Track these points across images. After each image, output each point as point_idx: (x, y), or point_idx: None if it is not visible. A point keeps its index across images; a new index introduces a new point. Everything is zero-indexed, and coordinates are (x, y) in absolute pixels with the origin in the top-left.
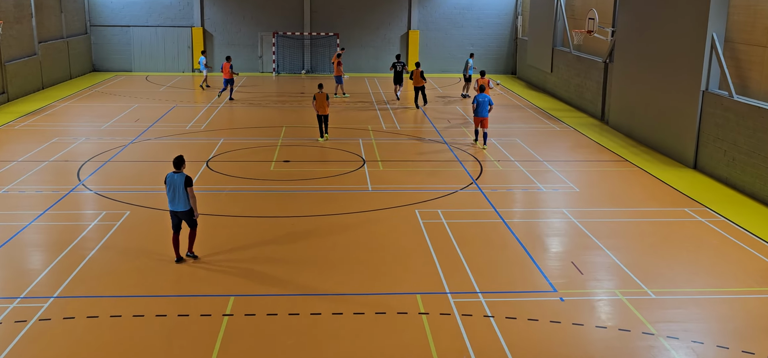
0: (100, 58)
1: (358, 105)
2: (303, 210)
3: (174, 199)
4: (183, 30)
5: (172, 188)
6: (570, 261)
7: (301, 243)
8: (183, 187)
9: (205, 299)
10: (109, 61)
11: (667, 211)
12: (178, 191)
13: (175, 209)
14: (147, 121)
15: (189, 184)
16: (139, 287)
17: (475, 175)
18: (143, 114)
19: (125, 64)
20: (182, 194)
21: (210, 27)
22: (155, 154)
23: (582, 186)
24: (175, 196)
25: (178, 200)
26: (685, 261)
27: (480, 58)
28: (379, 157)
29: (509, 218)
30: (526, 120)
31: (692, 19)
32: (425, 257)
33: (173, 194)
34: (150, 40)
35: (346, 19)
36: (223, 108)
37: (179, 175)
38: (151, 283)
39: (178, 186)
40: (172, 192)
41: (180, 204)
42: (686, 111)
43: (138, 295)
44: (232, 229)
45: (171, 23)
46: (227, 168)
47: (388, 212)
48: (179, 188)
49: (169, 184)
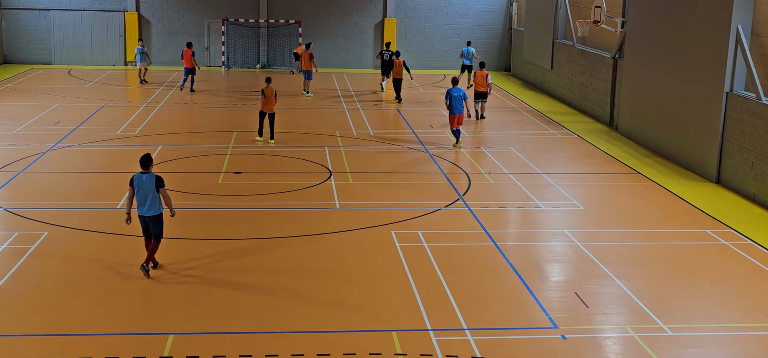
0: (13, 48)
1: (323, 106)
2: (257, 231)
3: (145, 203)
4: (114, 15)
5: (142, 191)
6: (573, 292)
7: (254, 271)
8: (155, 189)
9: (139, 339)
10: (24, 52)
11: (686, 233)
12: (149, 195)
13: (143, 214)
14: (69, 124)
15: (161, 184)
16: (57, 323)
17: (462, 189)
18: (65, 115)
19: (43, 55)
20: (154, 197)
21: (147, 12)
22: (79, 164)
23: (587, 203)
24: (146, 200)
25: (149, 205)
26: (708, 292)
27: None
28: (349, 169)
29: (502, 241)
30: (522, 125)
31: (714, 8)
32: (403, 287)
33: (144, 198)
34: (74, 26)
35: (311, 5)
36: (161, 109)
37: (149, 176)
38: (72, 319)
39: (149, 189)
40: (142, 196)
41: (151, 209)
42: (707, 116)
43: (56, 334)
44: (171, 254)
45: (100, 6)
46: (167, 181)
47: (359, 233)
48: (150, 191)
49: (137, 187)
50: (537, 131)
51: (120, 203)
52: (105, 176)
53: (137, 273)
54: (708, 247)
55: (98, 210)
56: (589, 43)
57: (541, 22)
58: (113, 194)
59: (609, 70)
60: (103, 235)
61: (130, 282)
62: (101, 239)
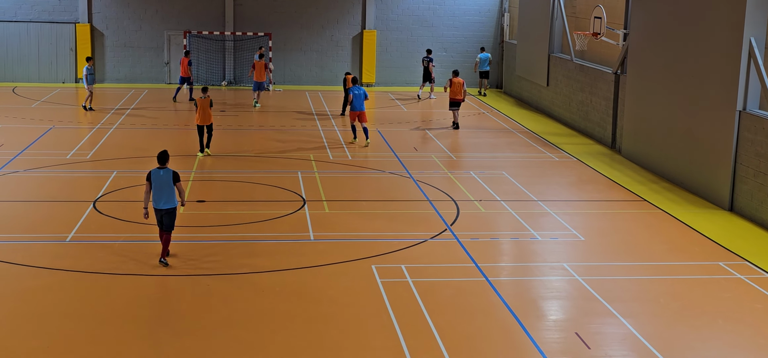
0: None
1: (296, 127)
2: (222, 266)
3: (161, 197)
4: (64, 27)
5: (158, 185)
6: (574, 332)
7: (218, 310)
8: (171, 183)
9: None
10: None
11: (697, 266)
12: (165, 189)
13: (159, 208)
14: (14, 147)
15: (177, 179)
16: None
17: (449, 219)
18: (9, 138)
19: None
20: (170, 192)
21: (100, 24)
22: (25, 192)
23: (588, 234)
24: (162, 194)
25: (166, 199)
26: (721, 331)
27: (456, 66)
28: (324, 196)
29: (494, 276)
30: (516, 147)
31: (725, 19)
32: (385, 327)
33: (160, 192)
34: (19, 39)
35: (282, 16)
36: (116, 131)
37: (166, 172)
38: None
39: (166, 183)
40: (159, 190)
41: (167, 202)
42: (719, 137)
43: None
44: (127, 290)
45: (48, 18)
46: (121, 210)
47: (336, 268)
48: (167, 185)
49: (154, 181)
50: (532, 154)
51: (71, 233)
52: (54, 206)
53: (87, 315)
54: (721, 281)
55: (47, 244)
56: (588, 58)
57: (536, 35)
58: (63, 225)
59: (610, 86)
60: (53, 272)
61: (79, 323)
62: (50, 277)
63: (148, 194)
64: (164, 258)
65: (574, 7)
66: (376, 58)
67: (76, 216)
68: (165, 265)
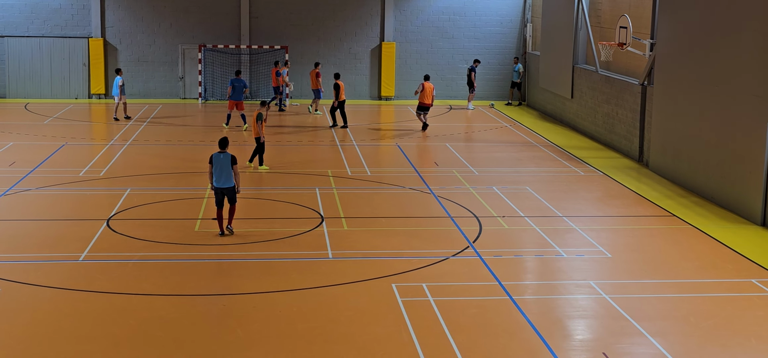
0: None
1: (313, 142)
2: (239, 286)
3: (220, 177)
4: (77, 42)
5: (219, 166)
6: (601, 352)
7: (235, 331)
8: (229, 165)
9: None
10: None
11: (728, 283)
12: (224, 169)
13: (220, 186)
14: (26, 165)
15: (234, 162)
16: None
17: (472, 236)
18: (21, 155)
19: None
20: (228, 173)
21: (113, 38)
22: (37, 211)
23: (615, 250)
24: (221, 174)
25: (225, 178)
26: (754, 351)
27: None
28: (343, 213)
29: (519, 294)
30: (540, 162)
31: (757, 27)
32: (405, 348)
33: (220, 172)
34: (31, 55)
35: (299, 28)
36: (130, 147)
37: (225, 155)
38: None
39: (225, 165)
40: (219, 170)
41: (227, 182)
42: (750, 149)
43: None
44: (141, 311)
45: (61, 33)
46: (135, 229)
47: (355, 287)
48: (226, 166)
49: (215, 163)
50: (556, 168)
51: (84, 252)
52: (67, 224)
53: (100, 337)
54: (754, 299)
55: (60, 263)
56: (613, 69)
57: (560, 46)
58: (76, 244)
59: (637, 98)
60: (65, 292)
61: (92, 345)
62: (63, 297)
63: (211, 175)
64: (230, 226)
65: (599, 16)
66: (395, 71)
67: (89, 235)
68: (231, 233)
